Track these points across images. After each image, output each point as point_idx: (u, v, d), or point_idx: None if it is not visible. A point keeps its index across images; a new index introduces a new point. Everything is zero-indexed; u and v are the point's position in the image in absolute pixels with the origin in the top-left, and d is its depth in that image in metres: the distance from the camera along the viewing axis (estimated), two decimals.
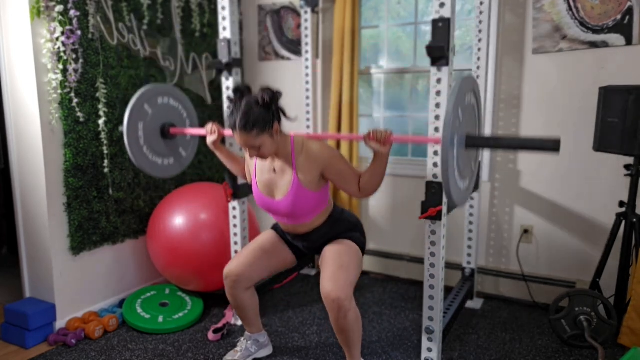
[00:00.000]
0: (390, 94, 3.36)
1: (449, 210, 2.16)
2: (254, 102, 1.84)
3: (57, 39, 2.43)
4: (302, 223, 2.09)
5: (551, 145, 1.65)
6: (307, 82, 3.31)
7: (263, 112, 1.85)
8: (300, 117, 3.48)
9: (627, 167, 2.37)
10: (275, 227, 2.29)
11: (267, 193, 2.06)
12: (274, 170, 2.02)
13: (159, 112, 2.41)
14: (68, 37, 2.46)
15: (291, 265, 2.28)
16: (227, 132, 2.24)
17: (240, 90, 1.89)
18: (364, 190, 1.98)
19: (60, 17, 2.43)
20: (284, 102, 3.81)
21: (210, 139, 2.25)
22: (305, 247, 2.19)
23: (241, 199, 2.59)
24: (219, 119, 3.51)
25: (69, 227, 2.60)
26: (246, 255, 2.16)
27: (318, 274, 3.39)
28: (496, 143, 1.80)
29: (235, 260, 2.17)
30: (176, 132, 2.46)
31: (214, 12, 3.39)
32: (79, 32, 2.51)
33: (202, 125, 2.96)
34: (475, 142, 1.80)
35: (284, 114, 1.95)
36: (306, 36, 3.28)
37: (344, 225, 2.14)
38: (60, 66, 2.46)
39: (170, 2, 3.09)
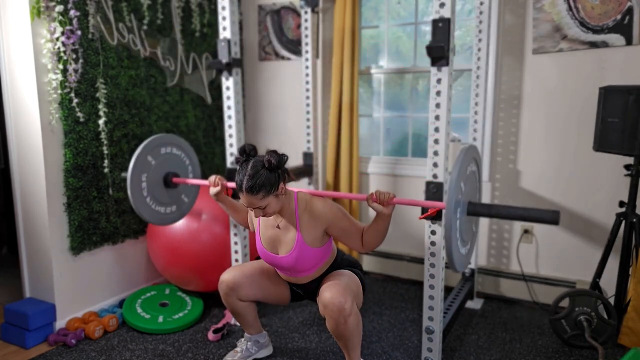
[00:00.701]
0: (390, 94, 3.36)
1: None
2: (260, 165, 1.87)
3: (57, 39, 2.43)
4: (304, 276, 2.11)
5: (550, 217, 1.67)
6: (307, 82, 3.31)
7: (269, 175, 1.86)
8: (300, 117, 3.49)
9: (627, 167, 2.36)
10: None
11: (271, 249, 2.07)
12: (278, 226, 2.04)
13: (162, 162, 2.46)
14: (68, 37, 2.46)
15: (284, 303, 2.27)
16: (231, 184, 2.28)
17: (247, 152, 1.92)
18: (367, 245, 2.00)
19: (60, 17, 2.43)
20: (284, 103, 3.81)
21: (213, 191, 2.26)
22: (304, 292, 2.21)
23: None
24: (218, 120, 3.51)
25: (69, 227, 2.60)
26: (247, 268, 2.18)
27: None
28: (497, 212, 1.81)
29: (234, 269, 2.17)
30: (179, 181, 2.50)
31: (214, 12, 3.39)
32: (79, 32, 2.51)
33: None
34: (476, 210, 1.82)
35: (289, 175, 1.99)
36: (306, 36, 3.28)
37: (343, 265, 2.17)
38: (60, 66, 2.46)
39: (170, 2, 3.09)
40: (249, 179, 1.84)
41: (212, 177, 2.27)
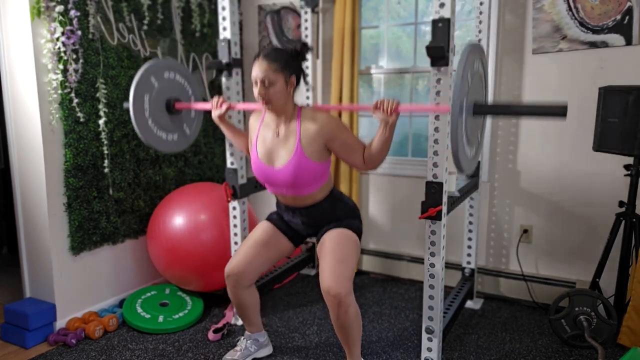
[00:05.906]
0: (390, 94, 3.36)
1: (449, 210, 2.17)
2: (286, 49, 1.99)
3: (58, 39, 2.43)
4: (301, 195, 2.05)
5: (558, 111, 1.64)
6: (307, 82, 3.31)
7: (290, 57, 1.96)
8: None
9: (627, 167, 2.37)
10: (270, 217, 2.26)
11: (267, 161, 2.03)
12: (278, 134, 2.01)
13: (165, 87, 2.39)
14: (68, 37, 2.46)
15: (289, 253, 2.26)
16: (233, 104, 2.29)
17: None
18: (369, 161, 1.98)
19: (61, 17, 2.43)
20: None
21: (215, 113, 2.27)
22: (305, 223, 2.14)
23: (241, 199, 2.59)
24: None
25: (69, 227, 2.60)
26: (245, 252, 2.16)
27: (318, 274, 3.39)
28: (503, 110, 1.78)
29: (234, 258, 2.16)
30: (181, 106, 2.44)
31: (214, 12, 3.40)
32: (79, 32, 2.51)
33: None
34: (482, 110, 1.78)
35: (304, 76, 2.04)
36: (306, 36, 3.28)
37: (344, 208, 2.12)
38: (61, 66, 2.46)
39: (170, 2, 3.09)
40: (272, 48, 1.95)
41: (215, 99, 2.27)
